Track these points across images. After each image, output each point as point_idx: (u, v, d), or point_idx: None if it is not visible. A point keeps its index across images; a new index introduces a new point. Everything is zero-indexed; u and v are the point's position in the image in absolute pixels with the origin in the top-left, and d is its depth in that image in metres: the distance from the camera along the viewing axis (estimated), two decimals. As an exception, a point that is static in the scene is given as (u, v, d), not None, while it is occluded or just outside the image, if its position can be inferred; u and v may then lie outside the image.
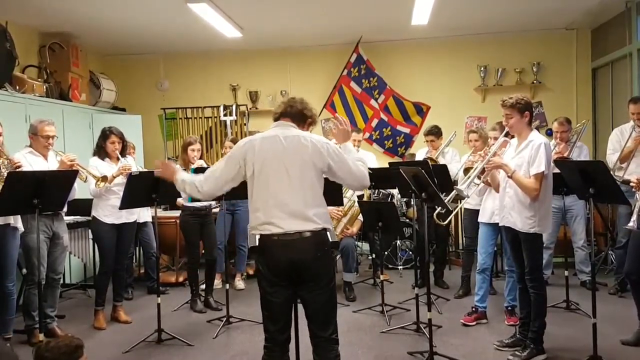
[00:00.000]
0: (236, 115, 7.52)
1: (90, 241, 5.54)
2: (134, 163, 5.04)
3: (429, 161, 5.42)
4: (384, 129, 7.71)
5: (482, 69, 7.50)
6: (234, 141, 5.87)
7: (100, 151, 4.72)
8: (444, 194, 4.01)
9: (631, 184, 3.76)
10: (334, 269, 2.89)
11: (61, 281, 5.49)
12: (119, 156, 4.68)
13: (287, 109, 2.88)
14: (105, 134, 4.72)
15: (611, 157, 5.21)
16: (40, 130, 4.29)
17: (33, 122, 4.41)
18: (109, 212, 4.62)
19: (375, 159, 6.61)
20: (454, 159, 5.76)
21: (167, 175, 3.02)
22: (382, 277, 5.05)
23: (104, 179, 4.46)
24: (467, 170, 4.36)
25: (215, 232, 5.27)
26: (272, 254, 2.71)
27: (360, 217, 5.49)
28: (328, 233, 2.81)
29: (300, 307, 2.88)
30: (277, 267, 2.70)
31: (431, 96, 7.60)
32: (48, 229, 4.34)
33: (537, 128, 5.48)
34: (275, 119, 2.92)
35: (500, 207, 3.80)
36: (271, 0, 5.77)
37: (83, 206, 4.99)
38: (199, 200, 4.85)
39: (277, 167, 2.73)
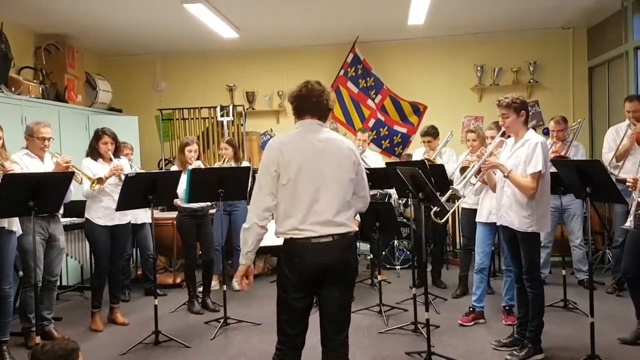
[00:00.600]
0: (233, 115, 7.51)
1: (87, 242, 5.52)
2: (127, 164, 5.00)
3: (426, 161, 5.41)
4: (381, 129, 7.71)
5: (479, 68, 7.50)
6: (230, 142, 5.89)
7: (93, 152, 4.69)
8: (440, 193, 4.00)
9: (627, 183, 3.76)
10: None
11: (58, 283, 5.50)
12: (112, 157, 4.67)
13: (315, 107, 2.72)
14: (98, 135, 4.69)
15: (607, 156, 5.21)
16: (36, 132, 4.27)
17: (29, 123, 4.39)
18: (102, 213, 4.60)
19: (381, 159, 6.59)
20: (451, 159, 5.75)
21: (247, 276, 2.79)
22: (379, 277, 5.05)
23: (99, 181, 4.44)
24: (463, 170, 4.36)
25: (212, 233, 5.26)
26: (304, 258, 2.63)
27: (358, 217, 5.47)
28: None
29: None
30: (307, 271, 2.63)
31: (428, 96, 7.60)
32: (44, 231, 4.32)
33: (535, 127, 5.48)
34: (300, 115, 2.76)
35: (498, 206, 3.80)
36: (268, 0, 5.76)
37: (79, 208, 4.96)
38: (195, 201, 4.85)
39: (313, 173, 2.64)
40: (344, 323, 2.75)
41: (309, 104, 2.74)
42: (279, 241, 2.76)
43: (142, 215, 5.59)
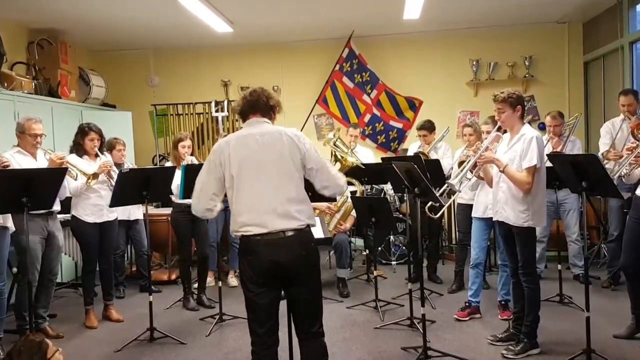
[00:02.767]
0: (228, 111, 7.48)
1: (81, 239, 5.50)
2: (111, 160, 4.95)
3: (421, 156, 5.40)
4: (377, 124, 7.69)
5: (475, 63, 7.49)
6: (226, 137, 5.84)
7: (78, 148, 4.63)
8: (436, 188, 3.99)
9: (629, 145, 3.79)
10: (320, 264, 2.86)
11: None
12: (98, 153, 4.62)
13: (254, 105, 2.81)
14: (84, 131, 4.62)
15: (602, 150, 5.20)
16: (27, 128, 4.21)
17: (20, 120, 4.33)
18: (90, 210, 4.56)
19: (372, 155, 6.59)
20: (446, 155, 5.75)
21: None
22: (375, 273, 5.04)
23: (95, 176, 4.41)
24: (461, 164, 4.35)
25: (207, 229, 5.23)
26: (256, 255, 2.64)
27: (354, 212, 5.46)
28: (313, 229, 2.80)
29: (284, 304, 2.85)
30: (261, 268, 2.64)
31: (424, 91, 7.58)
32: (43, 230, 4.26)
33: (530, 122, 5.46)
34: (244, 117, 2.85)
35: (494, 201, 3.79)
36: (262, -6, 5.73)
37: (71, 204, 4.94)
38: (190, 197, 4.80)
39: (255, 167, 2.68)
40: (315, 316, 2.78)
41: (248, 104, 2.83)
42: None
43: (135, 211, 5.56)
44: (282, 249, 2.64)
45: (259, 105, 2.81)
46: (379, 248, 6.43)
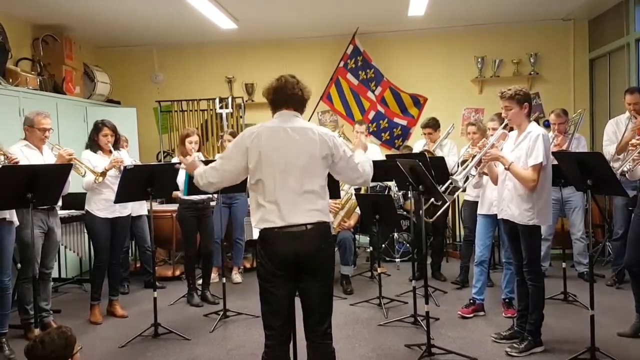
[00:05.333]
0: (232, 107, 7.48)
1: (86, 235, 5.51)
2: (127, 156, 4.98)
3: (425, 153, 5.39)
4: (381, 121, 7.68)
5: (480, 60, 7.47)
6: (233, 134, 5.85)
7: (93, 144, 4.68)
8: (440, 185, 3.98)
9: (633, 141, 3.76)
10: (334, 260, 2.86)
11: (57, 275, 5.49)
12: (112, 149, 4.65)
13: (289, 98, 2.78)
14: (98, 127, 4.67)
15: (607, 149, 5.17)
16: (36, 123, 4.23)
17: (29, 114, 4.34)
18: (103, 206, 4.59)
19: (379, 151, 6.57)
20: (452, 152, 5.73)
21: (190, 170, 3.10)
22: (379, 270, 5.04)
23: (103, 174, 4.43)
24: (464, 163, 4.34)
25: (212, 225, 5.23)
26: (275, 247, 2.65)
27: (358, 210, 5.46)
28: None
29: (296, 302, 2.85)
30: (280, 259, 2.65)
31: (428, 88, 7.57)
32: (43, 224, 4.30)
33: (537, 120, 5.45)
34: (276, 108, 2.82)
35: (499, 199, 3.78)
36: (267, -9, 5.73)
37: (78, 200, 4.95)
38: (194, 194, 4.81)
39: (284, 161, 2.67)
40: (325, 314, 2.76)
41: (283, 96, 2.79)
42: None
43: (137, 208, 5.56)
44: (303, 240, 2.64)
45: (295, 99, 2.79)
46: (383, 245, 6.43)
